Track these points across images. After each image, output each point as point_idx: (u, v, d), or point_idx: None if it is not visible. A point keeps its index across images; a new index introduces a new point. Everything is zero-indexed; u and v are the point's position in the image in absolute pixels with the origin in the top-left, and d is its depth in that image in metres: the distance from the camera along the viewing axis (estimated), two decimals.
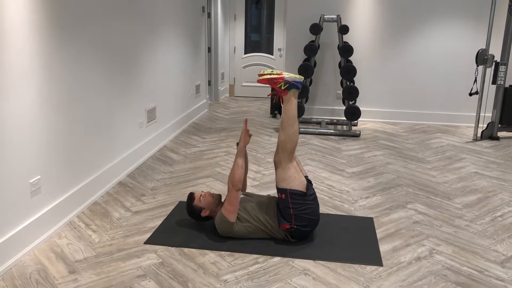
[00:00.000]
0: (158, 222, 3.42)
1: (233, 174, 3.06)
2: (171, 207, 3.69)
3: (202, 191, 3.33)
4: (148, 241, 3.12)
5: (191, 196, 3.26)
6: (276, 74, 3.07)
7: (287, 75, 3.07)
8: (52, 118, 3.18)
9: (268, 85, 3.12)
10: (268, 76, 3.07)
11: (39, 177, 3.05)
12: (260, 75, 3.12)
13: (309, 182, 3.09)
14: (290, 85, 3.06)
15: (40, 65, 3.01)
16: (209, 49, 8.21)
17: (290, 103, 3.08)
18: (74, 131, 3.48)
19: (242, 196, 3.23)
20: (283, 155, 3.03)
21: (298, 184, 3.01)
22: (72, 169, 3.48)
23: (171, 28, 5.67)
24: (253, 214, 3.10)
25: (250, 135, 3.23)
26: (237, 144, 3.23)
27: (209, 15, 7.82)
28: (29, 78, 2.90)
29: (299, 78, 3.09)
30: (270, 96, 3.29)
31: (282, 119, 3.09)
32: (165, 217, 3.50)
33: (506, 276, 2.77)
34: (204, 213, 3.20)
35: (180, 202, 3.78)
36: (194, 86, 6.88)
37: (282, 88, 3.07)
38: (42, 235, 3.09)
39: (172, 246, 3.06)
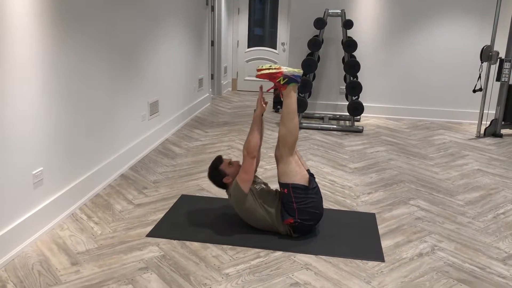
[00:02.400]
0: (160, 215, 3.42)
1: (249, 141, 3.05)
2: (174, 200, 3.69)
3: (231, 158, 3.28)
4: (150, 234, 3.12)
5: (219, 158, 3.23)
6: (275, 68, 3.05)
7: (285, 69, 3.05)
8: (55, 110, 3.17)
9: (267, 80, 3.10)
10: (267, 71, 3.06)
11: (41, 168, 3.05)
12: (258, 70, 3.10)
13: (311, 176, 3.08)
14: (289, 79, 3.04)
15: (43, 57, 3.00)
16: (212, 43, 8.19)
17: (290, 98, 3.06)
18: (76, 123, 3.47)
19: (263, 186, 3.22)
20: (284, 150, 3.02)
21: (300, 178, 3.00)
22: (75, 161, 3.48)
23: (174, 21, 5.65)
24: (266, 204, 3.09)
25: (266, 102, 3.18)
26: (254, 110, 3.20)
27: (212, 8, 7.78)
28: (31, 70, 2.89)
29: (298, 72, 3.08)
30: (273, 91, 3.28)
31: (282, 114, 3.08)
32: (167, 210, 3.50)
33: (508, 273, 2.77)
34: (227, 180, 3.15)
35: (183, 196, 3.78)
36: (197, 80, 6.86)
37: (281, 82, 3.05)
38: (44, 226, 3.09)
39: (174, 239, 3.06)
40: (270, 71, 3.05)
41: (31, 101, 2.91)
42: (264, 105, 3.16)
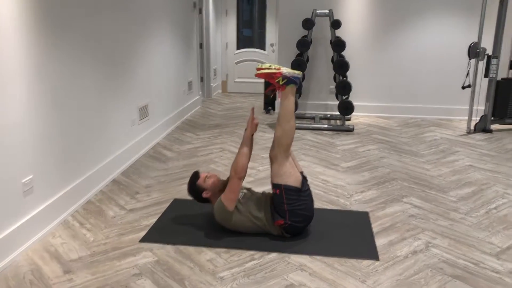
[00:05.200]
0: (153, 220, 3.39)
1: (237, 162, 3.03)
2: (166, 205, 3.67)
3: (208, 172, 3.28)
4: (144, 240, 3.10)
5: (196, 174, 3.22)
6: (275, 68, 3.04)
7: (285, 70, 3.04)
8: (43, 117, 3.14)
9: (266, 79, 3.08)
10: (267, 71, 3.04)
11: (31, 176, 3.01)
12: (258, 69, 3.09)
13: (304, 178, 3.08)
14: (289, 80, 3.04)
15: (31, 63, 2.97)
16: (201, 45, 8.17)
17: (288, 99, 3.05)
18: (66, 129, 3.44)
19: (245, 191, 3.20)
20: (279, 151, 3.01)
21: (293, 180, 2.99)
22: (65, 167, 3.44)
23: (162, 25, 5.63)
24: (252, 210, 3.08)
25: (256, 124, 3.17)
26: (245, 130, 3.19)
27: (200, 10, 7.77)
28: (19, 77, 2.86)
29: (298, 73, 3.06)
30: (267, 92, 3.27)
31: (279, 115, 3.07)
32: (160, 215, 3.47)
33: (501, 268, 2.78)
34: (206, 194, 3.15)
35: (175, 200, 3.76)
36: (186, 83, 6.84)
37: (280, 83, 3.04)
38: (35, 235, 3.05)
39: (167, 244, 3.03)
40: (270, 70, 3.03)
41: (19, 109, 2.87)
42: (255, 126, 3.15)
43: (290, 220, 3.01)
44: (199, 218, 3.40)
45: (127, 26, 4.53)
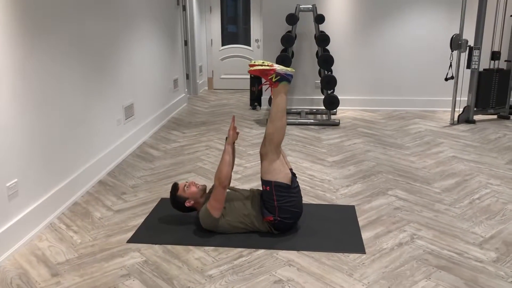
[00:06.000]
0: (140, 220, 3.39)
1: (220, 171, 3.04)
2: (153, 205, 3.67)
3: (187, 181, 3.30)
4: (131, 240, 3.10)
5: (175, 186, 3.23)
6: (268, 65, 3.05)
7: (278, 67, 3.06)
8: (26, 118, 3.11)
9: (259, 75, 3.09)
10: (260, 67, 3.05)
11: (16, 180, 2.99)
12: (251, 65, 3.09)
13: (293, 175, 3.10)
14: (282, 77, 3.05)
15: (13, 64, 2.94)
16: (186, 42, 8.14)
17: (280, 96, 3.07)
18: (50, 131, 3.41)
19: (227, 191, 3.22)
20: (270, 148, 3.03)
21: (283, 177, 3.02)
22: (50, 170, 3.42)
23: (146, 22, 5.60)
24: (238, 210, 3.10)
25: (237, 133, 3.21)
26: (226, 139, 3.21)
27: (184, 8, 7.73)
28: (1, 79, 2.83)
29: (291, 71, 3.08)
30: (260, 88, 3.28)
31: (271, 112, 3.08)
32: (147, 215, 3.47)
33: (484, 257, 2.84)
34: (188, 203, 3.17)
35: (162, 199, 3.76)
36: (172, 81, 6.81)
37: (273, 80, 3.05)
38: (22, 238, 3.03)
39: (155, 244, 3.04)
40: (263, 67, 3.04)
41: (1, 112, 2.84)
42: (236, 134, 3.18)
43: (280, 217, 3.03)
44: (187, 217, 3.40)
45: (110, 25, 4.50)
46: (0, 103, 2.83)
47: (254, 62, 3.09)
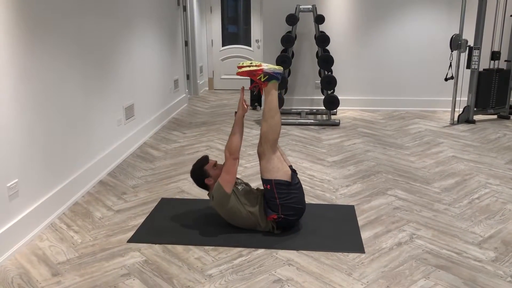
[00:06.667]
0: (140, 220, 3.40)
1: (231, 142, 3.06)
2: (153, 204, 3.68)
3: (217, 161, 3.29)
4: (131, 240, 3.11)
5: (206, 158, 3.23)
6: (255, 66, 3.07)
7: (266, 66, 3.08)
8: (27, 118, 3.13)
9: (248, 77, 3.13)
10: (248, 69, 3.07)
11: (16, 180, 3.00)
12: (239, 67, 3.12)
13: (293, 172, 3.11)
14: (270, 76, 3.07)
15: (14, 64, 2.95)
16: (186, 43, 8.15)
17: (271, 95, 3.09)
18: (51, 131, 3.43)
19: (245, 186, 3.25)
20: (266, 146, 3.04)
21: (282, 174, 3.03)
22: (51, 170, 3.44)
23: (146, 23, 5.61)
24: (249, 204, 3.11)
25: (247, 105, 3.21)
26: (235, 113, 3.21)
27: (184, 8, 7.75)
28: (2, 80, 2.84)
29: (279, 69, 3.11)
30: (251, 88, 3.31)
31: (263, 111, 3.10)
32: (147, 215, 3.49)
33: (483, 257, 2.85)
34: (208, 181, 3.16)
35: (162, 199, 3.78)
36: (172, 81, 6.83)
37: (262, 80, 3.08)
38: (23, 238, 3.05)
39: (155, 244, 3.05)
40: (251, 68, 3.07)
41: (2, 112, 2.86)
42: (246, 106, 3.19)
43: (283, 214, 3.05)
44: (187, 217, 3.42)
45: (111, 26, 4.51)
46: (1, 103, 2.85)
47: (242, 64, 3.11)
